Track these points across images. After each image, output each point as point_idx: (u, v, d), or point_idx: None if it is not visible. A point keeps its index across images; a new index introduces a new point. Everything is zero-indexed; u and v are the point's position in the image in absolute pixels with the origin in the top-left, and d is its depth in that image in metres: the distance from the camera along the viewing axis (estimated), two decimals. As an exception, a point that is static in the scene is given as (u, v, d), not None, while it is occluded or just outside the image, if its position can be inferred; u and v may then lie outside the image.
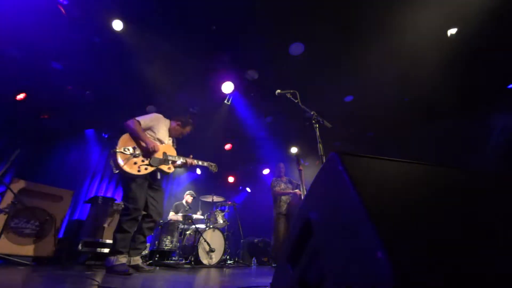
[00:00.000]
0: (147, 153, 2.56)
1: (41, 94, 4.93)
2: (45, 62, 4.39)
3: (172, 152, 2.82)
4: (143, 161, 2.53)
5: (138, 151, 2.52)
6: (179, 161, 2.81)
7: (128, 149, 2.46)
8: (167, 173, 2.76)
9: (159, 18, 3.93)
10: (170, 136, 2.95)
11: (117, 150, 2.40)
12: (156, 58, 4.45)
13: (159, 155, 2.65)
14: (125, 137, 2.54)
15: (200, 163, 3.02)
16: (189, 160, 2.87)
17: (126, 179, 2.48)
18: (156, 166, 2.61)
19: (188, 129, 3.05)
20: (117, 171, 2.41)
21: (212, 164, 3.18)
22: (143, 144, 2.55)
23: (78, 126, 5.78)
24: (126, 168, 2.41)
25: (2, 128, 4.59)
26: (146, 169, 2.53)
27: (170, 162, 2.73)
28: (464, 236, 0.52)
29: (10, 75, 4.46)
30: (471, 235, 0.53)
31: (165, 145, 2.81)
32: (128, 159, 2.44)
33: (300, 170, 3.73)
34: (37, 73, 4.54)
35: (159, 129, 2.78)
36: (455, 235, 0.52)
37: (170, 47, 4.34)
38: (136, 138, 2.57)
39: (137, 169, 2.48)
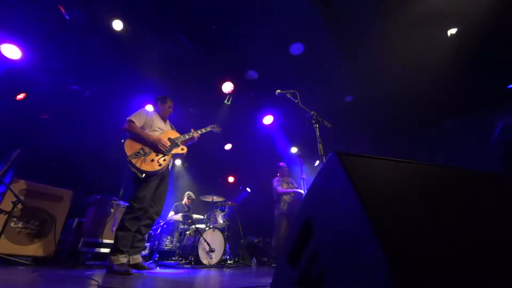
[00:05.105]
0: (156, 148, 2.63)
1: (41, 94, 4.93)
2: (45, 63, 4.39)
3: (175, 134, 2.92)
4: (157, 155, 2.62)
5: (147, 150, 2.59)
6: (186, 138, 2.93)
7: (139, 152, 2.53)
8: (183, 154, 2.87)
9: (159, 17, 3.93)
10: (164, 120, 3.02)
11: (130, 159, 2.45)
12: (157, 57, 4.45)
13: (166, 142, 2.71)
14: (128, 143, 2.57)
15: (204, 130, 3.16)
16: (194, 134, 2.99)
17: (140, 179, 2.51)
18: (170, 153, 2.71)
19: (168, 102, 3.09)
20: (143, 175, 2.48)
21: (213, 126, 3.32)
22: (147, 141, 2.62)
23: (78, 126, 5.77)
24: (147, 168, 2.50)
25: (2, 128, 4.59)
26: (164, 160, 2.63)
27: (179, 143, 2.83)
28: (464, 236, 0.52)
29: (10, 75, 4.46)
30: (472, 235, 0.53)
31: (166, 131, 2.88)
32: (145, 160, 2.51)
33: (303, 178, 3.75)
34: (37, 73, 4.54)
35: (153, 119, 2.84)
36: (455, 235, 0.52)
37: (170, 46, 4.35)
38: (139, 139, 2.62)
39: (157, 164, 2.57)
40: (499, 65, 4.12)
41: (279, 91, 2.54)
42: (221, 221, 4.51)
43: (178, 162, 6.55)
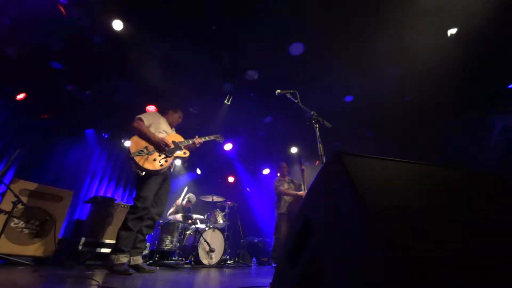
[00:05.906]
0: (159, 147, 2.69)
1: (41, 94, 4.93)
2: (45, 62, 4.39)
3: (179, 138, 3.00)
4: (159, 155, 2.67)
5: (151, 149, 2.65)
6: (189, 143, 3.00)
7: (143, 151, 2.58)
8: (185, 157, 2.94)
9: (159, 17, 3.93)
10: (171, 126, 3.14)
11: (133, 156, 2.50)
12: (156, 57, 4.45)
13: (170, 144, 2.78)
14: (134, 139, 2.64)
15: (207, 138, 3.24)
16: (197, 140, 3.06)
17: (142, 178, 2.56)
18: (173, 155, 2.77)
19: (179, 112, 3.23)
20: (143, 173, 2.53)
21: (217, 135, 3.40)
22: (152, 140, 2.68)
23: (78, 126, 5.78)
24: (149, 166, 2.55)
25: (2, 128, 4.59)
26: (166, 161, 2.69)
27: (182, 147, 2.90)
28: (464, 236, 0.52)
29: (10, 75, 4.46)
30: (472, 236, 0.53)
31: (171, 135, 2.97)
32: (147, 159, 2.57)
33: (302, 170, 3.74)
34: (37, 73, 4.54)
35: (160, 122, 2.94)
36: (455, 235, 0.52)
37: (170, 47, 4.34)
38: (145, 138, 2.68)
39: (159, 164, 2.62)
40: (499, 65, 4.12)
41: (279, 91, 2.53)
42: (221, 221, 4.51)
43: (178, 162, 6.55)
